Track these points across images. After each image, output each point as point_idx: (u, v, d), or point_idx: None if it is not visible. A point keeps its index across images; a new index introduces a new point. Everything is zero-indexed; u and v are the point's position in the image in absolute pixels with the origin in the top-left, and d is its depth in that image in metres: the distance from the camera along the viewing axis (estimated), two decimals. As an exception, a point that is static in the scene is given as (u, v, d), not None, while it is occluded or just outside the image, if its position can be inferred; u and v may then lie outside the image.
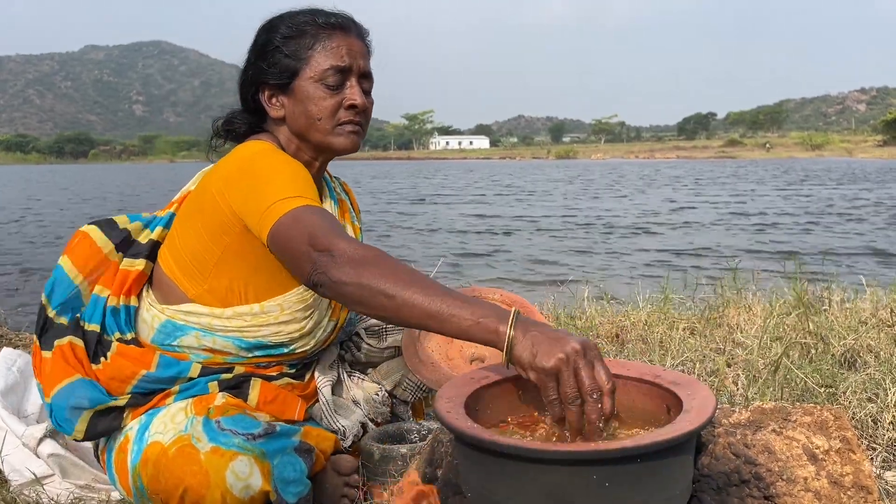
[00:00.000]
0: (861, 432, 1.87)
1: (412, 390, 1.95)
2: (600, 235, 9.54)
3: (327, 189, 1.85)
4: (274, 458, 1.50)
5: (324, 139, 1.65)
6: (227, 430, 1.50)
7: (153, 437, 1.54)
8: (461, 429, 1.09)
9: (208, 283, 1.63)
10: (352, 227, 1.89)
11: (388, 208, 15.64)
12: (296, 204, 1.42)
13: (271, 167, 1.52)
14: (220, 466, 1.45)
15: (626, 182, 25.42)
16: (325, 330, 1.76)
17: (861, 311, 3.21)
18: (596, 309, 3.33)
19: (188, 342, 1.65)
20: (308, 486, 1.54)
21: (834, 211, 12.14)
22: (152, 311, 1.68)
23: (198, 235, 1.61)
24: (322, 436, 1.70)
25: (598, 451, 1.00)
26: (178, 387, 1.64)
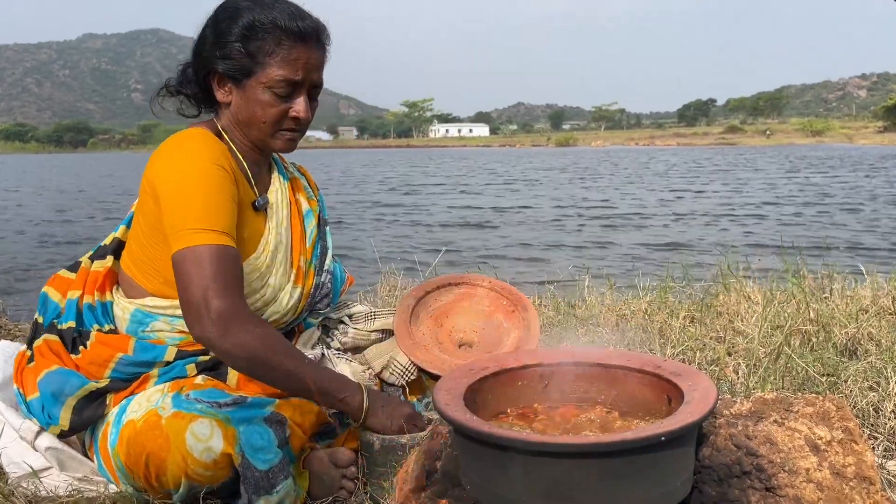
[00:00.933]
0: (862, 421, 1.87)
1: (400, 373, 1.95)
2: (597, 225, 9.49)
3: (276, 167, 1.90)
4: (239, 425, 1.51)
5: (262, 140, 1.70)
6: (194, 399, 1.53)
7: (128, 417, 1.57)
8: (460, 421, 1.07)
9: (162, 277, 1.67)
10: (306, 200, 1.95)
11: (378, 198, 15.47)
12: (202, 241, 1.49)
13: (194, 178, 1.55)
14: (179, 428, 1.47)
15: (622, 171, 25.30)
16: (292, 296, 1.81)
17: (862, 299, 3.20)
18: (596, 297, 3.32)
19: (160, 326, 1.69)
20: (280, 455, 1.54)
21: (834, 201, 12.10)
22: (121, 304, 1.73)
23: (143, 231, 1.67)
24: (304, 407, 1.70)
25: (598, 444, 0.99)
26: (156, 370, 1.66)
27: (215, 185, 1.57)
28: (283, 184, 1.88)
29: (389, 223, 10.55)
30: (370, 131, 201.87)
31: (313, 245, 1.91)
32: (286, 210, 1.85)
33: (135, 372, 1.66)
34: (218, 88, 1.69)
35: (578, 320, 2.86)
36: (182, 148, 1.62)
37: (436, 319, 2.02)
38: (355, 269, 6.03)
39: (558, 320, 2.90)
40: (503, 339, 1.96)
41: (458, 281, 2.10)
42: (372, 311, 2.12)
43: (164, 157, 1.61)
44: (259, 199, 1.75)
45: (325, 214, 2.02)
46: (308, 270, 1.88)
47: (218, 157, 1.61)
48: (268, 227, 1.77)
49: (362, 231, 9.44)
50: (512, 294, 2.04)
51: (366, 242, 8.14)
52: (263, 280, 1.73)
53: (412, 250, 5.56)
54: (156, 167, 1.61)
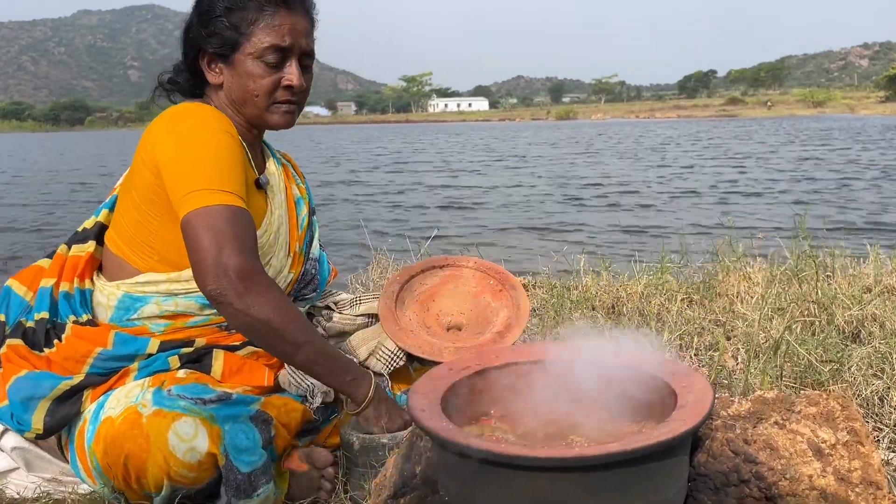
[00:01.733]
0: (867, 411, 1.79)
1: (386, 360, 1.87)
2: (592, 204, 9.35)
3: (270, 152, 1.83)
4: (225, 424, 1.43)
5: (259, 116, 1.62)
6: (176, 395, 1.45)
7: (105, 414, 1.48)
8: (435, 431, 0.99)
9: (158, 254, 1.58)
10: (296, 187, 1.88)
11: (366, 177, 15.16)
12: (215, 200, 1.40)
13: (201, 142, 1.48)
14: (161, 428, 1.39)
15: (618, 146, 25.03)
16: (286, 281, 1.75)
17: (864, 278, 3.12)
18: (592, 278, 3.23)
19: (149, 311, 1.60)
20: (263, 457, 1.47)
21: (837, 176, 11.93)
22: (106, 291, 1.63)
23: (136, 206, 1.58)
24: (289, 406, 1.62)
25: (583, 458, 0.91)
26: (137, 364, 1.57)
27: (224, 148, 1.49)
28: (278, 168, 1.81)
29: (377, 203, 10.39)
30: (368, 106, 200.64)
31: (305, 232, 1.85)
32: (283, 194, 1.78)
33: (114, 367, 1.57)
34: (209, 70, 1.63)
35: (573, 304, 2.77)
36: (182, 117, 1.53)
37: (422, 304, 1.94)
38: (340, 252, 5.94)
39: (552, 303, 2.81)
40: (492, 319, 1.89)
41: (443, 263, 2.01)
42: (357, 297, 2.04)
43: (165, 126, 1.52)
44: (262, 177, 1.69)
45: (311, 203, 1.95)
46: (298, 257, 1.81)
47: (223, 125, 1.54)
48: (270, 207, 1.69)
49: (349, 212, 9.28)
50: (498, 273, 1.96)
51: (353, 224, 8.01)
52: (266, 259, 1.66)
53: (402, 232, 5.44)
54: (155, 137, 1.52)
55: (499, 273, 1.96)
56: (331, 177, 15.19)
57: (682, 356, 2.28)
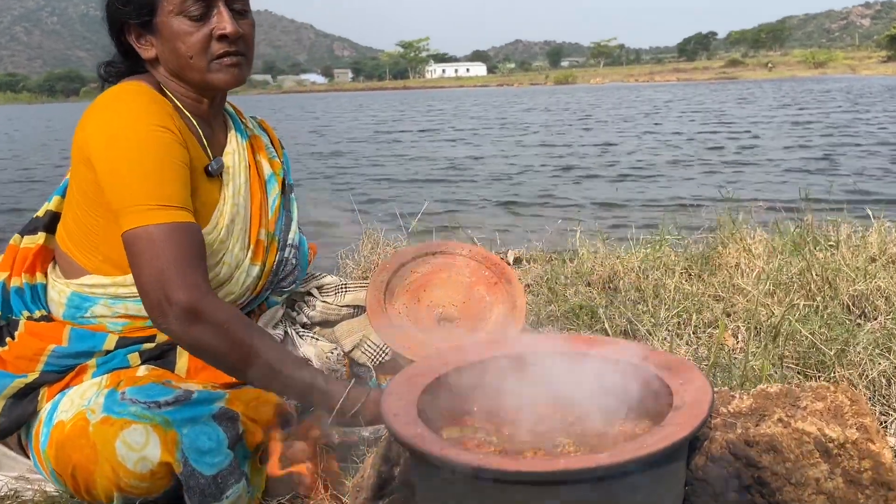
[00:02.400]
0: (872, 394, 1.71)
1: (373, 352, 1.78)
2: (584, 174, 9.18)
3: (233, 124, 1.68)
4: (183, 427, 1.34)
5: (202, 78, 1.48)
6: (129, 399, 1.35)
7: (58, 418, 1.40)
8: (408, 440, 0.91)
9: (102, 254, 1.48)
10: (268, 162, 1.73)
11: (353, 147, 14.73)
12: (154, 220, 1.32)
13: (134, 146, 1.35)
14: (108, 437, 1.29)
15: (614, 112, 24.67)
16: (250, 274, 1.61)
17: (869, 247, 3.02)
18: (588, 250, 3.13)
19: (100, 311, 1.49)
20: (230, 457, 1.38)
21: (837, 142, 11.74)
22: (57, 287, 1.53)
23: (77, 203, 1.47)
24: (261, 399, 1.52)
25: (568, 471, 0.82)
26: (94, 360, 1.48)
27: (161, 152, 1.37)
28: (241, 144, 1.66)
29: (365, 175, 10.17)
30: (365, 73, 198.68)
31: (276, 215, 1.70)
32: (244, 175, 1.63)
33: (70, 364, 1.48)
34: (139, 45, 1.49)
35: (567, 280, 2.68)
36: (116, 108, 1.40)
37: (412, 294, 1.84)
38: (328, 227, 5.79)
39: (545, 280, 2.72)
40: (486, 314, 1.79)
41: (436, 250, 1.91)
42: (343, 284, 1.93)
43: (96, 119, 1.40)
44: (212, 164, 1.54)
45: (290, 179, 1.81)
46: (270, 244, 1.67)
47: (159, 117, 1.40)
48: (223, 196, 1.56)
49: (336, 184, 9.06)
50: (495, 264, 1.85)
51: (340, 197, 7.85)
52: (218, 257, 1.53)
53: (393, 205, 5.31)
54: (87, 131, 1.40)
55: (495, 264, 1.86)
56: (316, 147, 14.82)
57: (681, 334, 2.20)
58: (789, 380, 1.75)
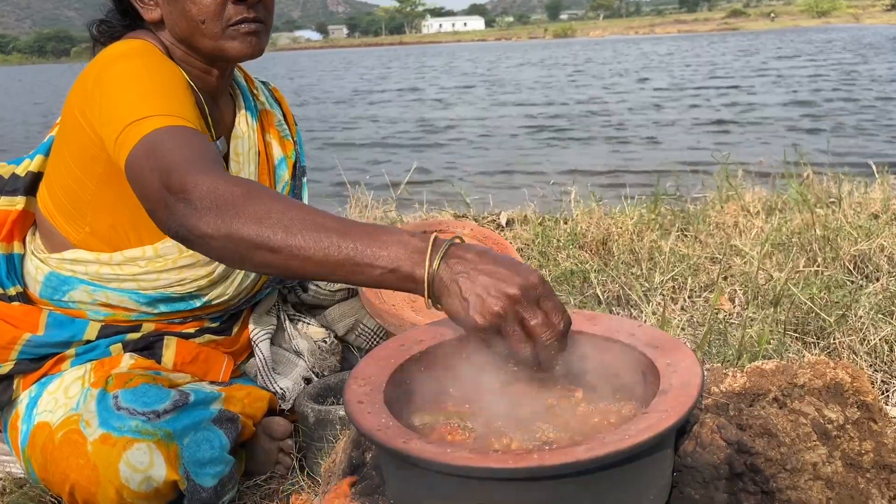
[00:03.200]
0: (874, 360, 1.64)
1: (368, 336, 1.70)
2: (584, 133, 8.99)
3: (242, 99, 1.51)
4: (183, 438, 1.26)
5: (214, 45, 1.30)
6: (125, 408, 1.24)
7: (41, 416, 1.31)
8: (371, 433, 0.83)
9: (89, 225, 1.35)
10: (280, 142, 1.56)
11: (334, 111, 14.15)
12: (151, 127, 1.09)
13: (128, 73, 1.19)
14: (111, 459, 1.21)
15: (607, 66, 24.18)
16: (248, 275, 1.46)
17: (872, 203, 2.94)
18: (581, 211, 3.04)
19: (79, 297, 1.38)
20: (230, 464, 1.31)
21: (840, 95, 11.49)
22: (35, 262, 1.41)
23: (67, 167, 1.33)
24: (253, 395, 1.46)
25: (542, 468, 0.75)
26: (73, 349, 1.38)
27: (167, 75, 1.21)
28: (251, 125, 1.49)
29: (353, 136, 9.93)
30: (361, 29, 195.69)
31: None
32: (254, 163, 1.47)
33: (47, 353, 1.38)
34: (141, 5, 1.32)
35: (560, 242, 2.60)
36: (121, 48, 1.26)
37: None
38: (313, 189, 5.66)
39: (537, 243, 2.64)
40: None
41: (436, 227, 1.81)
42: None
43: (98, 66, 1.25)
44: (217, 143, 1.38)
45: (302, 160, 1.63)
46: None
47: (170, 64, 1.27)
48: None
49: (321, 146, 8.83)
50: (497, 244, 1.76)
51: (325, 157, 7.68)
52: None
53: (381, 168, 5.17)
54: (89, 76, 1.25)
55: (497, 244, 1.77)
56: (302, 110, 14.30)
57: (675, 298, 2.12)
58: (788, 347, 1.68)
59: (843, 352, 1.64)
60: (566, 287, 2.21)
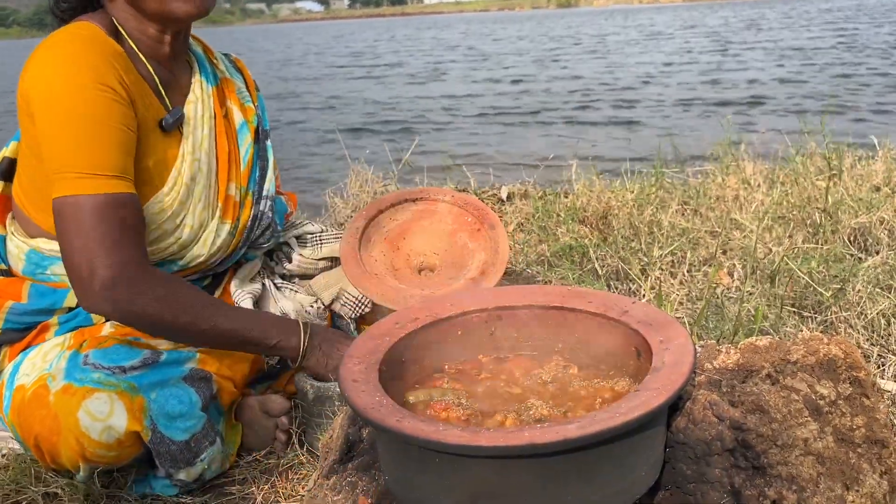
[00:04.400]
0: (871, 334, 1.64)
1: (353, 305, 1.71)
2: (578, 105, 8.88)
3: (198, 66, 1.53)
4: (150, 392, 1.28)
5: (160, 7, 1.33)
6: (91, 363, 1.28)
7: (19, 381, 1.33)
8: (364, 410, 0.84)
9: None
10: (241, 108, 1.59)
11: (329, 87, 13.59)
12: (86, 189, 1.23)
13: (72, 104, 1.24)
14: (70, 407, 1.23)
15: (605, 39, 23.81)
16: (220, 234, 1.49)
17: (873, 175, 2.92)
18: (583, 185, 3.03)
19: (60, 270, 1.40)
20: (202, 419, 1.33)
21: (841, 61, 11.33)
22: (15, 241, 1.44)
23: (26, 156, 1.36)
24: (234, 356, 1.47)
25: (533, 445, 0.76)
26: (56, 318, 1.41)
27: (98, 115, 1.25)
28: (207, 90, 1.52)
29: (350, 109, 9.78)
30: (362, 0, 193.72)
31: (249, 168, 1.57)
32: (208, 126, 1.49)
33: (31, 322, 1.42)
34: None
35: (560, 217, 2.59)
36: (56, 60, 1.27)
37: (391, 242, 1.74)
38: (312, 164, 5.60)
39: (536, 217, 2.63)
40: (468, 262, 1.70)
41: (416, 196, 1.80)
42: (320, 232, 1.83)
43: (37, 69, 1.27)
44: (167, 117, 1.40)
45: (265, 124, 1.66)
46: (244, 199, 1.55)
47: (101, 73, 1.27)
48: (182, 152, 1.43)
49: (319, 121, 8.73)
50: (477, 209, 1.76)
51: (324, 132, 7.61)
52: (178, 219, 1.41)
53: (380, 140, 5.12)
54: (28, 78, 1.28)
55: (477, 209, 1.76)
56: (296, 86, 13.93)
57: (675, 273, 2.13)
58: (785, 321, 1.68)
59: (841, 326, 1.64)
60: (565, 262, 2.21)
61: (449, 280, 1.62)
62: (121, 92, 1.29)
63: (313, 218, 2.78)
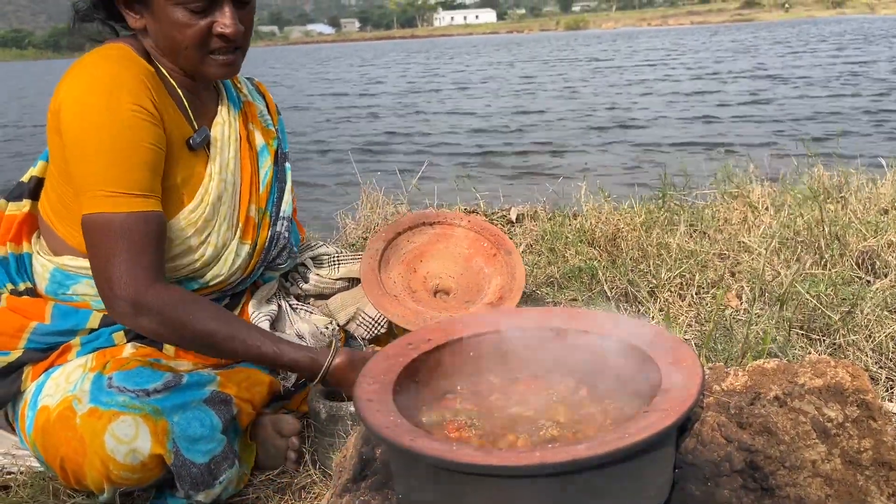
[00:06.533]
0: (879, 357, 1.65)
1: (368, 325, 1.73)
2: (584, 127, 8.93)
3: (225, 93, 1.59)
4: (173, 415, 1.30)
5: (193, 68, 1.42)
6: (116, 387, 1.30)
7: (43, 401, 1.36)
8: (379, 430, 0.86)
9: (80, 228, 1.39)
10: (262, 131, 1.64)
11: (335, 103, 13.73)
12: (114, 208, 1.29)
13: (102, 125, 1.28)
14: (96, 430, 1.25)
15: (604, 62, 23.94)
16: (239, 255, 1.53)
17: (881, 198, 2.93)
18: (593, 206, 3.06)
19: (83, 290, 1.45)
20: (223, 443, 1.35)
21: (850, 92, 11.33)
22: (41, 260, 1.48)
23: (53, 174, 1.41)
24: (252, 379, 1.49)
25: (544, 465, 0.78)
26: (79, 339, 1.43)
27: (130, 135, 1.29)
28: (233, 114, 1.56)
29: (358, 131, 9.85)
30: (373, 22, 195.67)
31: (268, 189, 1.62)
32: (234, 148, 1.54)
33: (53, 342, 1.43)
34: (127, 12, 1.39)
35: (569, 239, 2.61)
36: (93, 75, 1.31)
37: (408, 264, 1.78)
38: (322, 188, 5.63)
39: (546, 240, 2.66)
40: (483, 286, 1.73)
41: (434, 220, 1.84)
42: (337, 255, 1.85)
43: (70, 88, 1.32)
44: (195, 136, 1.45)
45: (284, 147, 1.71)
46: (261, 221, 1.59)
47: (135, 94, 1.31)
48: (209, 171, 1.48)
49: (329, 145, 8.79)
50: (494, 235, 1.79)
51: (334, 156, 7.66)
52: (203, 236, 1.45)
53: (389, 163, 5.16)
54: (60, 97, 1.32)
55: (494, 235, 1.80)
56: (308, 102, 13.98)
57: (683, 295, 2.14)
58: (793, 344, 1.69)
59: (849, 349, 1.65)
60: (575, 284, 2.23)
61: (465, 304, 1.65)
62: (153, 112, 1.34)
63: (325, 239, 2.81)
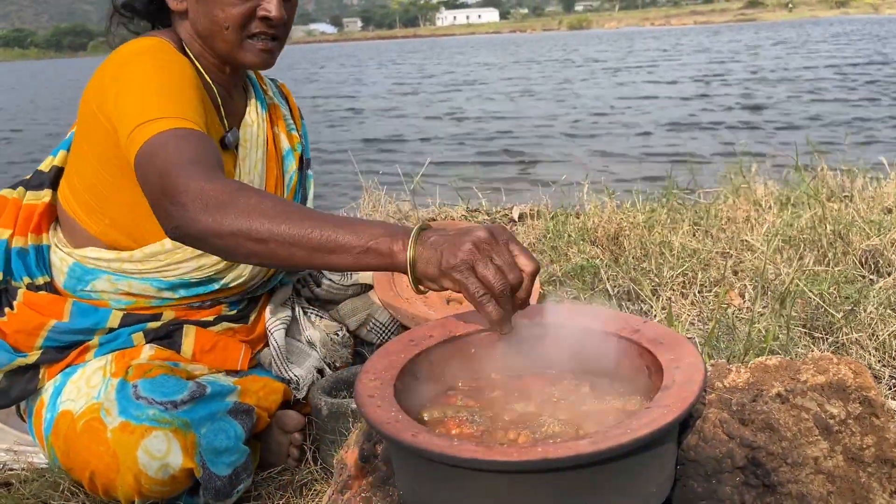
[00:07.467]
0: (882, 355, 1.65)
1: (379, 331, 1.73)
2: (589, 128, 8.93)
3: (254, 91, 1.58)
4: (200, 428, 1.30)
5: (230, 52, 1.39)
6: (144, 398, 1.28)
7: (64, 405, 1.35)
8: (381, 426, 0.86)
9: (108, 217, 1.40)
10: (287, 135, 1.63)
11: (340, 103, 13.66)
12: (157, 129, 1.15)
13: (142, 74, 1.26)
14: (129, 446, 1.25)
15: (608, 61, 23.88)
16: None
17: (885, 198, 2.93)
18: (595, 205, 3.06)
19: (102, 286, 1.43)
20: (245, 454, 1.35)
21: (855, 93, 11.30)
22: (59, 254, 1.46)
23: (86, 160, 1.38)
24: (269, 388, 1.50)
25: (546, 461, 0.77)
26: (97, 339, 1.42)
27: (176, 76, 1.27)
28: (261, 114, 1.56)
29: (362, 130, 9.87)
30: (375, 21, 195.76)
31: (293, 194, 1.61)
32: (262, 150, 1.53)
33: (71, 340, 1.42)
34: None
35: (571, 237, 2.61)
36: (137, 47, 1.32)
37: None
38: (327, 186, 5.63)
39: (548, 238, 2.65)
40: None
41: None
42: None
43: (114, 62, 1.30)
44: (228, 135, 1.45)
45: (307, 153, 1.70)
46: None
47: (182, 65, 1.32)
48: (238, 171, 1.47)
49: (332, 144, 8.80)
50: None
51: (336, 153, 7.66)
52: None
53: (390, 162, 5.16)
54: (105, 73, 1.31)
55: None
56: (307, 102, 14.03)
57: (686, 293, 2.14)
58: (796, 342, 1.69)
59: (852, 347, 1.65)
60: (577, 282, 2.22)
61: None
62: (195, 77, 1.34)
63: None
